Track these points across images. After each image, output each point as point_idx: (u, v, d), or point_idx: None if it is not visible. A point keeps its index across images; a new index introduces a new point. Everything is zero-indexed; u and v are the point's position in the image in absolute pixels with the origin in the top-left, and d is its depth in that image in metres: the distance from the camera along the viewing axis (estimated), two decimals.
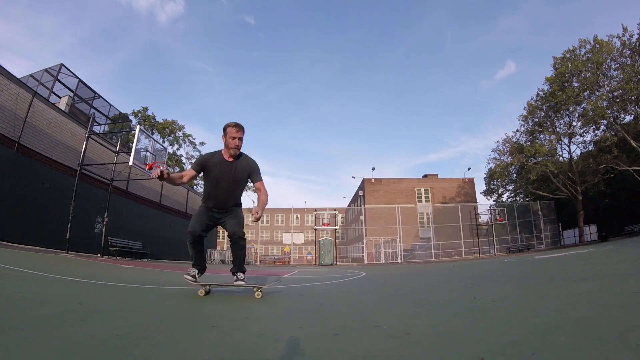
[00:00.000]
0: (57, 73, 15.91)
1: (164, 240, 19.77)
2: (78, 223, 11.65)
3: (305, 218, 50.60)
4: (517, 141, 30.77)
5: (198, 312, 2.34)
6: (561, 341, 1.29)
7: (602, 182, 26.50)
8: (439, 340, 1.46)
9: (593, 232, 28.76)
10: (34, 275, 3.82)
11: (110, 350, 1.28)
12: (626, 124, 24.46)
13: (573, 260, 6.76)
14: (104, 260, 10.53)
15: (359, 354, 1.30)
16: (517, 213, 30.87)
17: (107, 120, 19.78)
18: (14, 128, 10.86)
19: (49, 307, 2.08)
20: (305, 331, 1.73)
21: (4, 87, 10.59)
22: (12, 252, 7.05)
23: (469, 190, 35.43)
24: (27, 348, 1.23)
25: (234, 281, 3.21)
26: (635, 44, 22.38)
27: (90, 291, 3.16)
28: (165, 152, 15.35)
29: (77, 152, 13.06)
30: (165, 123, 33.07)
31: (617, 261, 5.03)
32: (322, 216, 29.56)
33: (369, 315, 2.18)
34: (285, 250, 44.65)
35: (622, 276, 3.23)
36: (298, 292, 3.93)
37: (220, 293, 3.44)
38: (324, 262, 26.72)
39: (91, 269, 6.24)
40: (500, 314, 1.97)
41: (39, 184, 11.25)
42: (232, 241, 3.14)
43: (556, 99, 25.46)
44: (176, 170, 34.81)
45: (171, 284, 4.37)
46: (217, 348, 1.38)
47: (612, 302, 2.00)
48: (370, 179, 35.52)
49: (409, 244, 30.49)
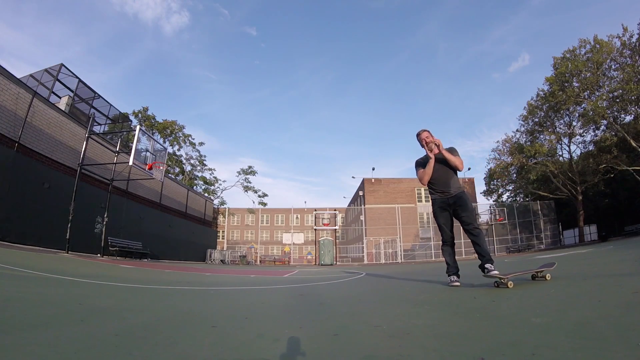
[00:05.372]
0: (57, 73, 15.90)
1: (164, 240, 19.76)
2: (78, 223, 11.64)
3: (305, 218, 50.57)
4: (517, 141, 30.77)
5: (198, 312, 2.34)
6: (561, 341, 1.29)
7: (602, 182, 26.49)
8: (439, 340, 1.46)
9: (593, 232, 28.75)
10: (34, 275, 3.82)
11: (110, 350, 1.28)
12: (626, 124, 24.46)
13: (573, 260, 6.76)
14: (104, 260, 10.53)
15: (359, 354, 1.30)
16: (517, 213, 30.87)
17: (107, 120, 19.76)
18: (14, 128, 10.86)
19: (49, 307, 2.08)
20: (305, 331, 1.73)
21: (4, 87, 10.58)
22: (12, 252, 7.05)
23: (469, 190, 35.39)
24: (27, 348, 1.22)
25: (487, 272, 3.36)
26: (635, 44, 22.38)
27: (90, 291, 3.16)
28: (165, 152, 15.34)
29: (77, 152, 13.06)
30: (166, 123, 33.06)
31: (617, 261, 5.02)
32: (322, 216, 29.57)
33: (369, 315, 2.18)
34: (285, 250, 44.62)
35: (622, 276, 3.23)
36: (298, 292, 3.92)
37: (221, 293, 3.44)
38: (324, 262, 26.72)
39: (91, 269, 6.24)
40: (500, 314, 1.97)
41: (39, 184, 11.24)
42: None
43: (556, 99, 25.45)
44: (176, 171, 34.81)
45: (171, 284, 4.37)
46: (217, 348, 1.38)
47: (612, 302, 2.00)
48: (370, 179, 35.51)
49: (409, 244, 30.48)
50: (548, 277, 3.19)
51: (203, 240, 26.17)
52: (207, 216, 30.05)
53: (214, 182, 38.80)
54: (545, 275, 3.24)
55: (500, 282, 3.02)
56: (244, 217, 50.27)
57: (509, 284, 2.92)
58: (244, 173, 38.51)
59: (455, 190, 3.53)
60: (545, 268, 3.36)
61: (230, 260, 28.13)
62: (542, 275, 3.27)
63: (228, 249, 33.17)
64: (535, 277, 3.29)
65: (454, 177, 3.56)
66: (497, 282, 3.07)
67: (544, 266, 3.51)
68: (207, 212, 29.89)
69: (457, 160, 3.49)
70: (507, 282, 2.94)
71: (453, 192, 3.53)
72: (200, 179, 37.83)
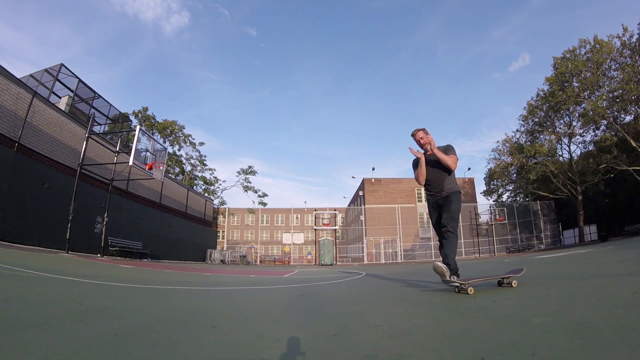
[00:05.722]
0: (57, 73, 15.90)
1: (164, 240, 19.76)
2: (78, 223, 11.64)
3: (305, 218, 50.57)
4: (517, 141, 30.76)
5: (198, 312, 2.34)
6: (561, 341, 1.29)
7: (602, 182, 26.48)
8: (439, 340, 1.46)
9: (593, 232, 28.75)
10: (34, 275, 3.82)
11: (110, 350, 1.28)
12: (626, 124, 24.44)
13: (573, 260, 6.76)
14: (104, 260, 10.53)
15: (359, 354, 1.30)
16: (517, 213, 30.87)
17: (107, 120, 19.76)
18: (14, 128, 10.85)
19: (49, 307, 2.08)
20: (305, 331, 1.73)
21: (4, 87, 10.58)
22: (12, 252, 7.05)
23: (469, 190, 35.40)
24: (27, 348, 1.22)
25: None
26: (635, 44, 22.37)
27: (90, 291, 3.16)
28: (165, 152, 15.34)
29: (77, 152, 13.06)
30: (166, 123, 33.04)
31: (617, 261, 5.02)
32: (322, 216, 29.56)
33: (369, 315, 2.18)
34: (285, 250, 44.62)
35: (622, 276, 3.23)
36: (298, 292, 3.92)
37: (221, 293, 3.44)
38: (324, 262, 26.73)
39: (91, 269, 6.24)
40: (500, 314, 1.97)
41: (39, 184, 11.24)
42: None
43: (556, 99, 25.45)
44: (176, 171, 34.80)
45: (171, 284, 4.37)
46: (217, 348, 1.38)
47: (612, 302, 2.00)
48: (370, 179, 35.50)
49: (409, 244, 30.48)
50: (514, 284, 3.02)
51: (203, 240, 26.17)
52: (207, 216, 30.05)
53: (214, 182, 38.82)
54: (511, 282, 3.07)
55: (462, 287, 2.94)
56: (244, 217, 50.27)
57: (469, 289, 2.84)
58: (244, 173, 38.53)
59: (448, 191, 3.39)
60: (512, 274, 3.19)
61: (230, 260, 28.14)
62: (508, 282, 3.10)
63: (228, 249, 33.17)
64: (502, 284, 3.15)
65: (448, 177, 3.42)
66: (457, 287, 3.00)
67: (511, 272, 3.34)
68: (207, 212, 29.89)
69: (449, 160, 3.34)
70: (468, 288, 2.85)
71: (445, 193, 3.40)
72: (200, 179, 37.84)
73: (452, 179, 3.45)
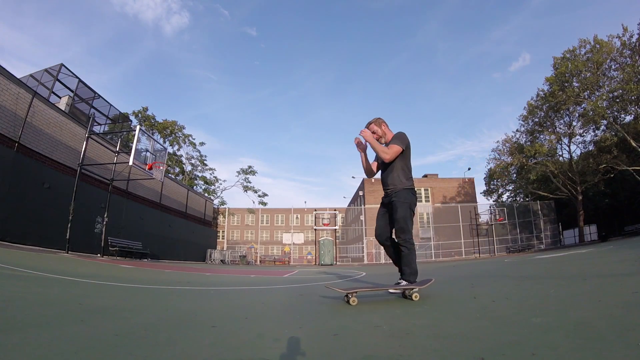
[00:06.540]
0: (57, 73, 15.90)
1: (164, 240, 19.76)
2: (78, 223, 11.65)
3: (305, 218, 50.58)
4: (517, 141, 30.76)
5: (198, 312, 2.34)
6: (561, 341, 1.29)
7: (602, 182, 26.48)
8: (439, 340, 1.46)
9: (593, 232, 28.75)
10: (34, 275, 3.82)
11: (110, 350, 1.28)
12: (626, 124, 24.45)
13: (573, 260, 6.75)
14: (104, 260, 10.53)
15: (359, 354, 1.30)
16: (517, 213, 30.87)
17: (107, 120, 19.76)
18: (14, 128, 10.86)
19: (49, 307, 2.08)
20: (305, 331, 1.73)
21: (4, 87, 10.58)
22: (12, 252, 7.05)
23: (469, 190, 35.42)
24: (27, 348, 1.22)
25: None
26: (635, 44, 22.37)
27: (90, 291, 3.16)
28: (165, 152, 15.33)
29: (77, 152, 13.06)
30: (166, 123, 33.04)
31: (617, 261, 5.02)
32: (322, 216, 29.56)
33: (369, 315, 2.18)
34: (285, 250, 44.61)
35: (622, 276, 3.23)
36: (298, 292, 3.92)
37: (221, 293, 3.44)
38: (324, 262, 26.73)
39: (91, 269, 6.24)
40: (500, 314, 1.97)
41: (39, 184, 11.24)
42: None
43: (556, 99, 25.45)
44: (176, 171, 34.79)
45: (171, 284, 4.37)
46: (217, 348, 1.38)
47: (612, 302, 2.00)
48: (370, 179, 35.50)
49: None
50: (415, 298, 2.65)
51: (203, 240, 26.16)
52: (207, 216, 30.05)
53: (214, 182, 38.83)
54: (412, 295, 2.68)
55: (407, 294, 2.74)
56: (244, 217, 50.28)
57: (351, 300, 2.58)
58: (244, 173, 38.54)
59: (393, 188, 2.90)
60: (417, 286, 2.75)
61: (230, 260, 28.13)
62: (409, 294, 2.71)
63: (228, 249, 33.15)
64: (406, 296, 2.75)
65: (397, 171, 2.92)
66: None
67: (417, 283, 2.86)
68: (207, 212, 29.89)
69: (379, 148, 2.89)
70: (351, 299, 2.60)
71: (389, 191, 2.92)
72: (200, 179, 37.85)
73: (403, 173, 2.92)
